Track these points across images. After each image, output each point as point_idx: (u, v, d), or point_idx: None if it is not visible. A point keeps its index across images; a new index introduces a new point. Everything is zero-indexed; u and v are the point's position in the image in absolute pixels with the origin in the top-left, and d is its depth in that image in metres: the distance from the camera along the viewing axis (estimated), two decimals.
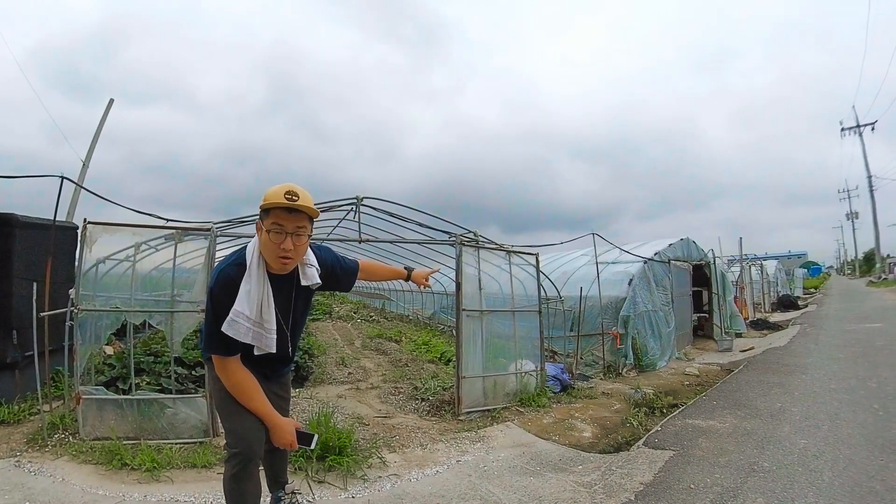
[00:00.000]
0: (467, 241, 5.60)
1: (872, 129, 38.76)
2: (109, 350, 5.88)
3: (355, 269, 2.54)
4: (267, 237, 1.99)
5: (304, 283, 2.19)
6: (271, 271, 2.10)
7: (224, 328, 1.99)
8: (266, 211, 2.00)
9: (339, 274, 2.43)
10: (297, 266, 2.17)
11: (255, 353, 2.14)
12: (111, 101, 10.39)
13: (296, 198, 1.96)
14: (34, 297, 4.17)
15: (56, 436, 4.05)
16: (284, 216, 1.98)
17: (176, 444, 4.00)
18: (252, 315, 2.03)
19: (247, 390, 2.10)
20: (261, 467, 2.43)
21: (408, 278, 2.81)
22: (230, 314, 2.00)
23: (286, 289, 2.19)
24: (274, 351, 2.15)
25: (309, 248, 2.20)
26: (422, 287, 2.89)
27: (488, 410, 5.24)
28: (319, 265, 2.26)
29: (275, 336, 2.13)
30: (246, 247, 2.14)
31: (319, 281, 2.23)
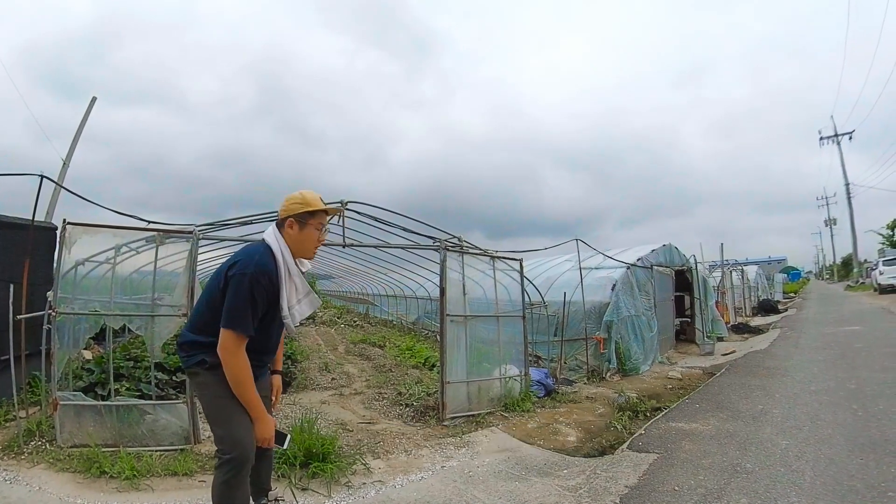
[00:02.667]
0: (452, 247, 5.60)
1: (850, 138, 39.50)
2: (88, 355, 5.75)
3: None
4: (312, 233, 2.45)
5: (302, 270, 2.53)
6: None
7: (287, 322, 2.38)
8: (311, 213, 2.43)
9: None
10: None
11: (271, 336, 2.47)
12: (93, 99, 10.25)
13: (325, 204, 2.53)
14: (10, 300, 4.07)
15: (32, 443, 3.95)
16: (324, 218, 2.50)
17: (156, 451, 3.93)
18: (295, 301, 2.42)
19: (248, 377, 2.22)
20: None
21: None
22: (285, 309, 2.34)
23: None
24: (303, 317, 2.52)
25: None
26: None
27: (473, 416, 5.22)
28: None
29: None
30: (262, 242, 2.39)
31: (310, 267, 2.66)
